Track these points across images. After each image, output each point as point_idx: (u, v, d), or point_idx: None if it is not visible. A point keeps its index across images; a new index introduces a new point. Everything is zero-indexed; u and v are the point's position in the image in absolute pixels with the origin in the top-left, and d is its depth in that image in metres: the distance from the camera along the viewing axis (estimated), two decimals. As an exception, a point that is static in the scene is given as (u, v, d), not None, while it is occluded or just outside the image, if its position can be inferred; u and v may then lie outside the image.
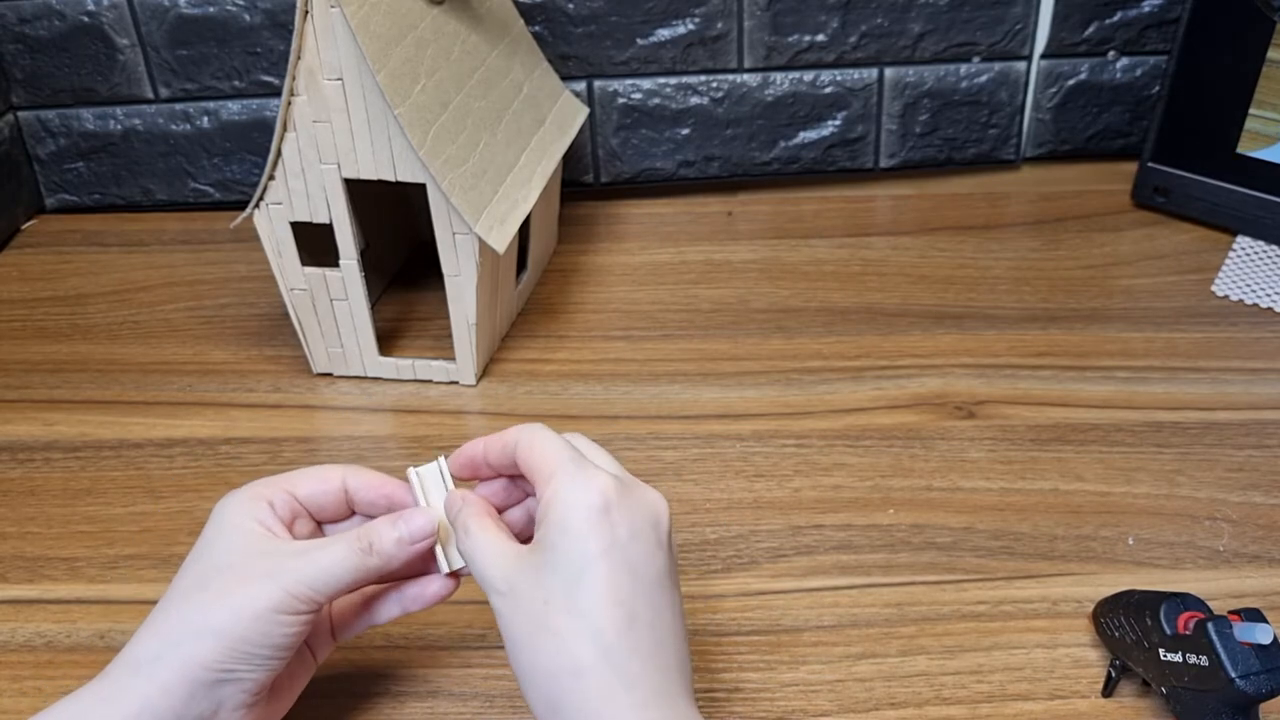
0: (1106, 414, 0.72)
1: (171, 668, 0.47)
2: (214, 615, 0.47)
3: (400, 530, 0.49)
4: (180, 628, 0.48)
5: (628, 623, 0.44)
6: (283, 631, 0.47)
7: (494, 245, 0.70)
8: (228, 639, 0.47)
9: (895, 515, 0.66)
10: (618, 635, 0.43)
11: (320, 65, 0.66)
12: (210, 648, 0.47)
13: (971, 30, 0.92)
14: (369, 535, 0.49)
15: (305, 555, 0.48)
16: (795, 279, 0.86)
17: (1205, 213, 0.89)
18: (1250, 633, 0.46)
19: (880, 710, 0.55)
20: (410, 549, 0.50)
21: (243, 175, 0.97)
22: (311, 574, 0.48)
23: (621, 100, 0.94)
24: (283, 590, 0.47)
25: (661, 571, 0.45)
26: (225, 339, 0.82)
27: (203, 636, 0.47)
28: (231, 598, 0.47)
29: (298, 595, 0.47)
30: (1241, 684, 0.46)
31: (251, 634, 0.47)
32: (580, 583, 0.44)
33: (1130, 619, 0.53)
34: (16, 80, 0.93)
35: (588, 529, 0.44)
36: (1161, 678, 0.51)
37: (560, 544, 0.45)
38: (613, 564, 0.44)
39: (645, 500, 0.46)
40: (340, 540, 0.49)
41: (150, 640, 0.48)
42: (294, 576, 0.48)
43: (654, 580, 0.45)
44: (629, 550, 0.45)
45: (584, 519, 0.44)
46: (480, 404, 0.76)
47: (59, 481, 0.71)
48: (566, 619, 0.44)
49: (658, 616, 0.45)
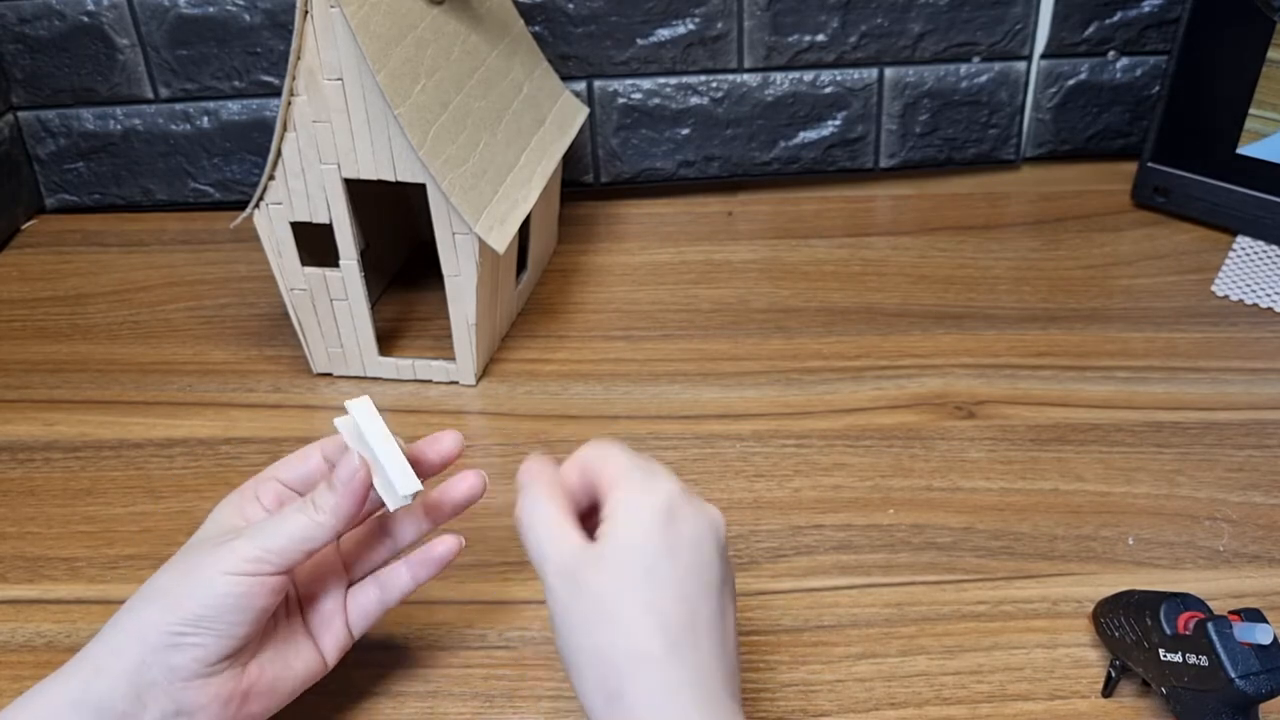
0: (1106, 414, 0.72)
1: (123, 630, 0.48)
2: (163, 579, 0.50)
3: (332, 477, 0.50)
4: (134, 598, 0.50)
5: (690, 619, 0.45)
6: (234, 593, 0.48)
7: (494, 245, 0.70)
8: (174, 598, 0.48)
9: (895, 515, 0.66)
10: (683, 630, 0.44)
11: (320, 65, 0.66)
12: (159, 608, 0.48)
13: (971, 30, 0.92)
14: (312, 493, 0.50)
15: (258, 524, 0.50)
16: (795, 279, 0.86)
17: (1205, 213, 0.89)
18: (1250, 633, 0.46)
19: (880, 710, 0.55)
20: (349, 492, 0.50)
21: (243, 175, 0.97)
22: (261, 536, 0.49)
23: (621, 100, 0.94)
24: (230, 551, 0.48)
25: (719, 579, 0.46)
26: (225, 339, 0.82)
27: (151, 599, 0.49)
28: (183, 564, 0.50)
29: (245, 556, 0.48)
30: (1241, 684, 0.46)
31: (200, 594, 0.48)
32: (650, 576, 0.45)
33: (1130, 619, 0.53)
34: (16, 80, 0.93)
35: (656, 528, 0.46)
36: (1161, 678, 0.51)
37: (628, 539, 0.46)
38: (677, 562, 0.45)
39: (705, 511, 0.48)
40: (291, 505, 0.51)
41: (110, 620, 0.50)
42: (243, 539, 0.49)
43: (714, 585, 0.46)
44: (691, 554, 0.46)
45: (651, 519, 0.46)
46: (480, 404, 0.76)
47: (59, 481, 0.71)
48: (634, 610, 0.44)
49: (715, 619, 0.46)
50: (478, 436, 0.73)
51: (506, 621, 0.60)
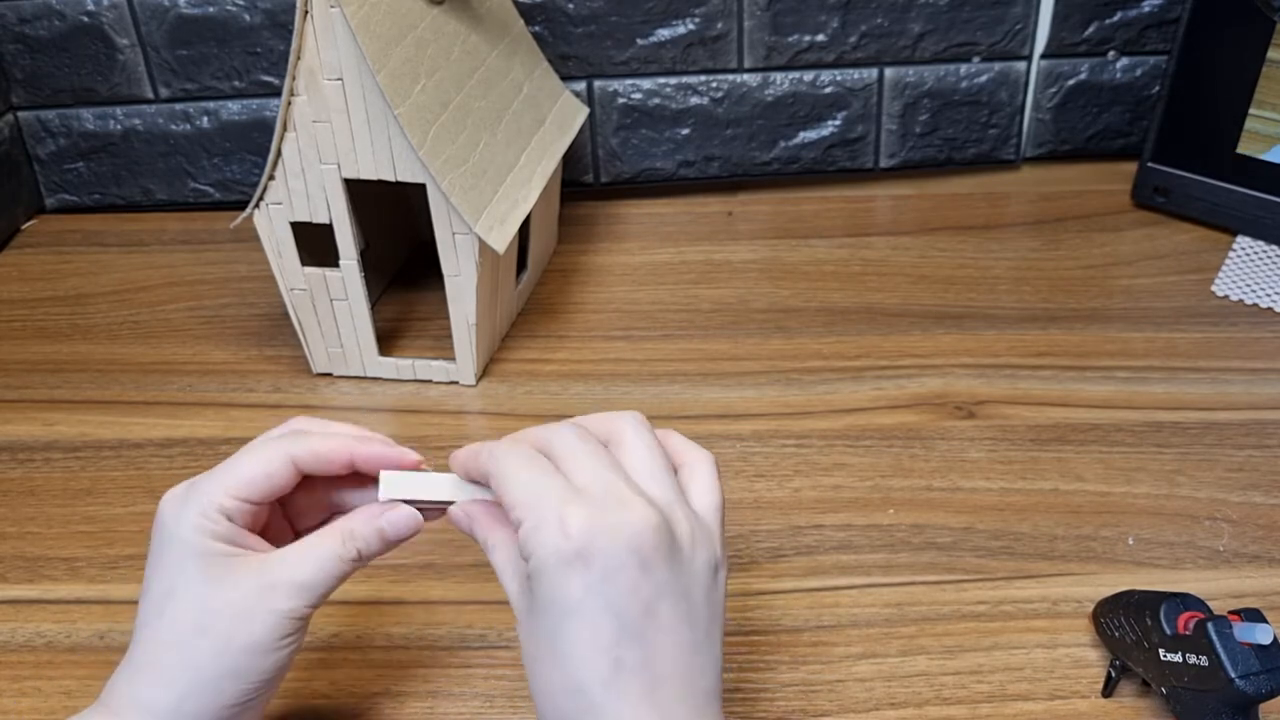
0: (1106, 414, 0.72)
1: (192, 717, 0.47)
2: (227, 662, 0.47)
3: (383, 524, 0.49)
4: (195, 678, 0.47)
5: (613, 671, 0.42)
6: (290, 651, 0.48)
7: (494, 245, 0.70)
8: (245, 680, 0.47)
9: (895, 515, 0.66)
10: (603, 687, 0.42)
11: (320, 65, 0.66)
12: (230, 690, 0.47)
13: (971, 30, 0.92)
14: (354, 542, 0.49)
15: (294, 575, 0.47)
16: (795, 279, 0.86)
17: (1205, 213, 0.89)
18: (1250, 633, 0.46)
19: (880, 710, 0.55)
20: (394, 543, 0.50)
21: (243, 175, 0.97)
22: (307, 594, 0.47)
23: (621, 100, 0.94)
24: (286, 619, 0.47)
25: (650, 601, 0.42)
26: (225, 339, 0.82)
27: (220, 684, 0.47)
28: (237, 640, 0.47)
29: (298, 616, 0.47)
30: (1241, 684, 0.46)
31: (266, 666, 0.47)
32: (560, 635, 0.42)
33: (1130, 619, 0.53)
34: (16, 80, 0.93)
35: (560, 579, 0.42)
36: (1161, 678, 0.51)
37: (539, 591, 0.43)
38: (591, 611, 0.42)
39: (623, 525, 0.42)
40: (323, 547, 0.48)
41: (158, 689, 0.47)
42: (291, 601, 0.47)
43: (642, 613, 0.42)
44: (607, 592, 0.42)
45: (555, 568, 0.42)
46: (480, 404, 0.76)
47: (59, 481, 0.71)
48: (553, 673, 0.43)
49: (650, 654, 0.42)
50: (478, 436, 0.73)
51: (506, 621, 0.60)
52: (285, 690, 0.56)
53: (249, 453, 0.49)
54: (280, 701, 0.56)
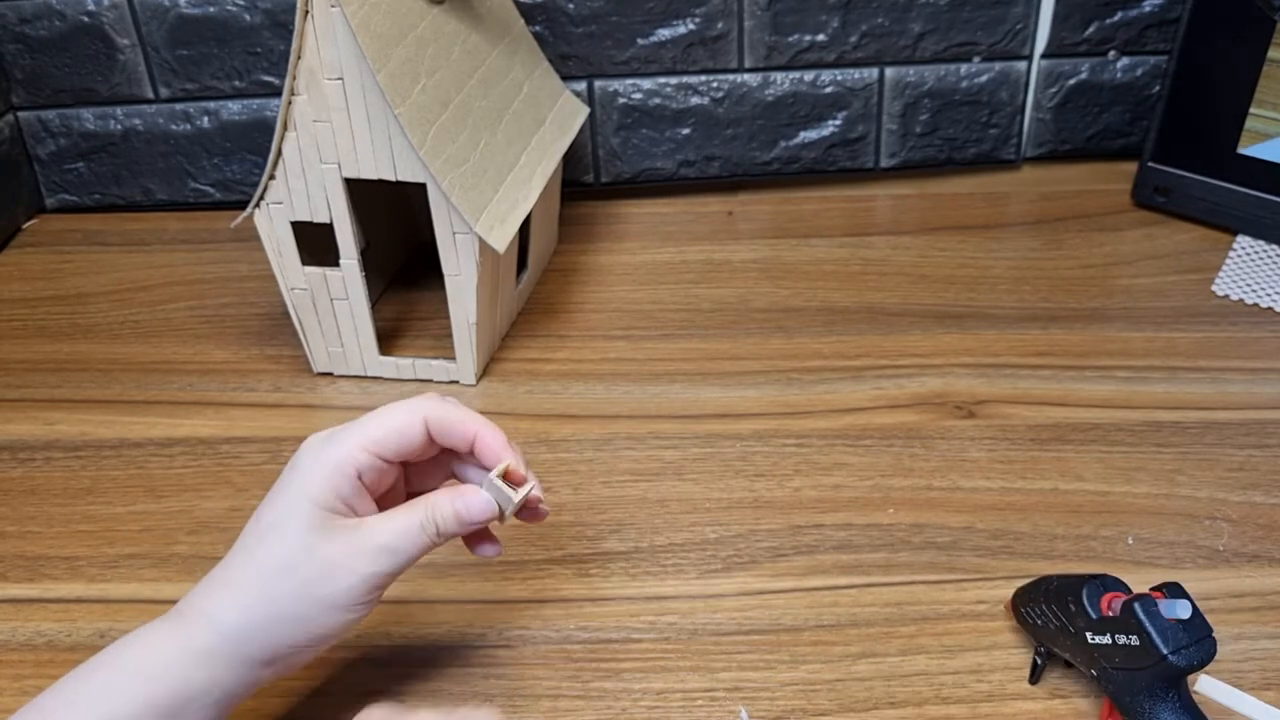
0: (1106, 414, 0.72)
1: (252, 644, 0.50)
2: (301, 607, 0.50)
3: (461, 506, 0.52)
4: (267, 611, 0.50)
5: None
6: (357, 616, 0.51)
7: (494, 245, 0.70)
8: (309, 628, 0.50)
9: (895, 515, 0.66)
10: None
11: (321, 65, 0.66)
12: (292, 633, 0.50)
13: (972, 30, 0.92)
14: (434, 516, 0.51)
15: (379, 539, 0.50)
16: (795, 279, 0.86)
17: (1205, 212, 0.89)
18: (1174, 609, 0.48)
19: (880, 709, 0.55)
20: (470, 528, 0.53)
21: (243, 175, 0.97)
22: (388, 558, 0.50)
23: (622, 100, 0.94)
24: (366, 581, 0.50)
25: None
26: (226, 338, 0.82)
27: (287, 624, 0.50)
28: (318, 590, 0.50)
29: (377, 584, 0.51)
30: (1174, 659, 0.47)
31: (331, 622, 0.50)
32: None
33: (1051, 606, 0.53)
34: (16, 80, 0.93)
35: None
36: (1090, 661, 0.51)
37: None
38: None
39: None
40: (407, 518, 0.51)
41: (231, 610, 0.50)
42: (373, 565, 0.50)
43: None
44: None
45: None
46: (480, 403, 0.76)
47: (59, 481, 0.71)
48: None
49: None
50: (478, 436, 0.73)
51: (506, 621, 0.60)
52: (286, 689, 0.56)
53: (385, 409, 0.52)
54: (280, 700, 0.56)
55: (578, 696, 0.56)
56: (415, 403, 0.52)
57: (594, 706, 0.56)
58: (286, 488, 0.51)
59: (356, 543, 0.50)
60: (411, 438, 0.52)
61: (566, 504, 0.67)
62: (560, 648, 0.59)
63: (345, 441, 0.51)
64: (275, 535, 0.50)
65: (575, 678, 0.57)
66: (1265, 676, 0.56)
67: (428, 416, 0.52)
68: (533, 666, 0.58)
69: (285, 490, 0.51)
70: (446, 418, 0.52)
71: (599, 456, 0.70)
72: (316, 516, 0.50)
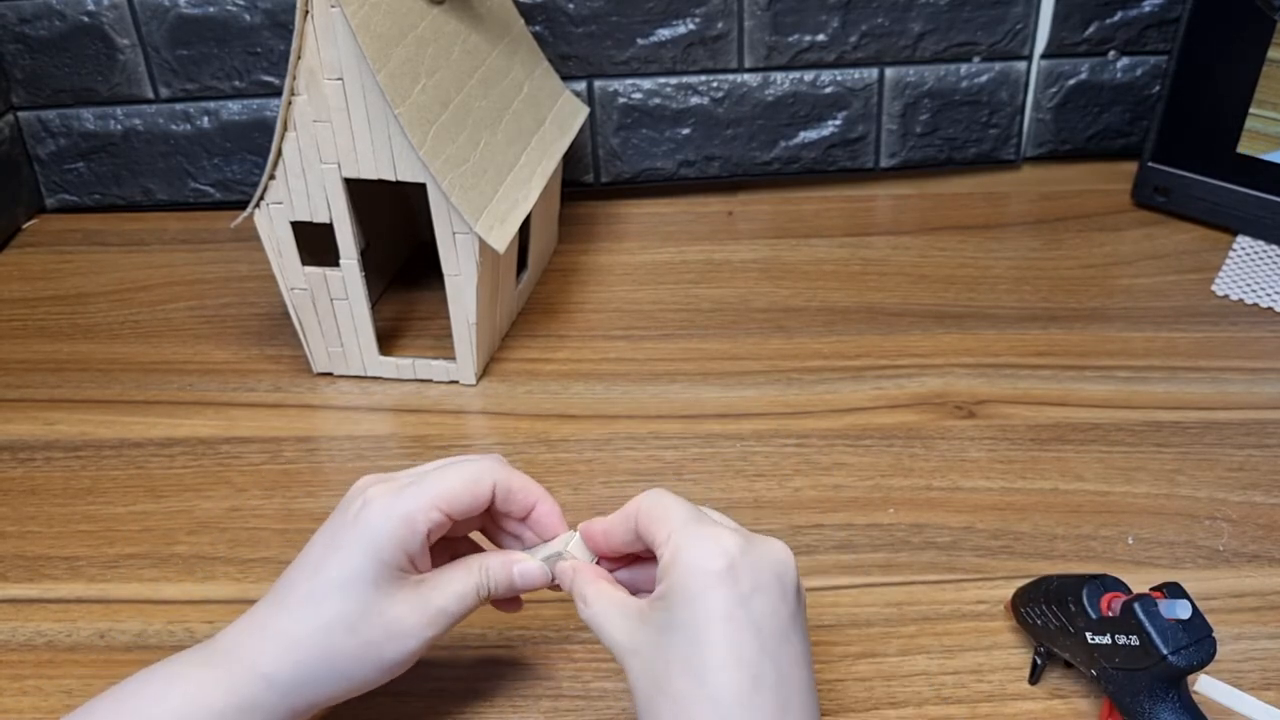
0: (1106, 414, 0.72)
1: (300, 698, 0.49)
2: (359, 668, 0.49)
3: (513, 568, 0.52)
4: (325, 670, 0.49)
5: (752, 686, 0.43)
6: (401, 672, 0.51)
7: (494, 245, 0.70)
8: (356, 683, 0.50)
9: (895, 515, 0.66)
10: (737, 700, 0.43)
11: (320, 65, 0.66)
12: (340, 689, 0.50)
13: (972, 30, 0.92)
14: (488, 581, 0.51)
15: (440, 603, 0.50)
16: (795, 279, 0.86)
17: (1205, 213, 0.89)
18: (1174, 609, 0.47)
19: (880, 710, 0.55)
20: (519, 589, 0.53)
21: (243, 175, 0.97)
22: (444, 621, 0.50)
23: (622, 100, 0.94)
24: (423, 642, 0.50)
25: (786, 625, 0.45)
26: (226, 338, 0.82)
27: (339, 681, 0.49)
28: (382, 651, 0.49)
29: (430, 643, 0.51)
30: (1174, 659, 0.47)
31: (376, 679, 0.50)
32: (701, 646, 0.43)
33: (1051, 606, 0.53)
34: (16, 80, 0.93)
35: (709, 590, 0.44)
36: (1090, 661, 0.51)
37: (680, 605, 0.44)
38: (736, 625, 0.43)
39: (769, 553, 0.45)
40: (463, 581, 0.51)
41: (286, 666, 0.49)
42: (434, 628, 0.50)
43: (780, 635, 0.44)
44: (753, 607, 0.44)
45: (704, 580, 0.44)
46: (480, 403, 0.76)
47: (59, 481, 0.71)
48: (686, 683, 0.43)
49: (783, 675, 0.44)
50: (478, 436, 0.73)
51: (506, 621, 0.60)
52: (285, 689, 0.56)
53: (455, 467, 0.51)
54: (280, 701, 0.56)
55: (578, 696, 0.56)
56: (485, 465, 0.52)
57: (594, 706, 0.56)
58: (354, 542, 0.49)
59: (418, 605, 0.50)
60: (480, 499, 0.51)
61: (567, 504, 0.66)
62: (560, 648, 0.59)
63: (419, 498, 0.49)
64: (341, 595, 0.49)
65: (575, 678, 0.57)
66: (1265, 676, 0.56)
67: (496, 481, 0.51)
68: (533, 666, 0.58)
69: (353, 545, 0.49)
70: (512, 485, 0.52)
71: (599, 456, 0.70)
72: (385, 575, 0.49)
